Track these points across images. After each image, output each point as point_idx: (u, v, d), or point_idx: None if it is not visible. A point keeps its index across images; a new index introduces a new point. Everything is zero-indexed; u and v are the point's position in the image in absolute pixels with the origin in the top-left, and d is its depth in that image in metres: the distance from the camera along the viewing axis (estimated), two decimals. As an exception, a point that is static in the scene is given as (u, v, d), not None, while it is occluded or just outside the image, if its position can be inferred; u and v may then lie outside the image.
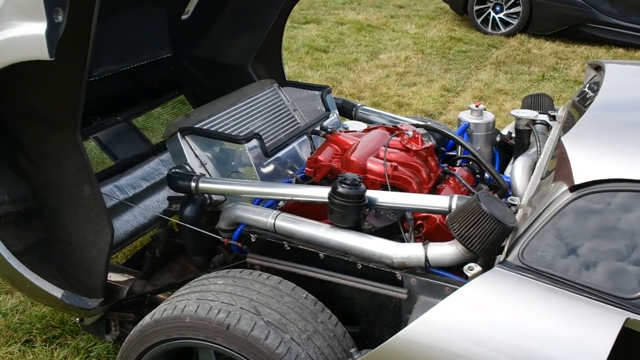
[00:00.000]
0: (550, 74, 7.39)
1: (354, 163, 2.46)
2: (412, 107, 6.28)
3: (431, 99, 6.52)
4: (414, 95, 6.60)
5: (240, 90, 3.18)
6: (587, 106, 2.45)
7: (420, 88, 6.86)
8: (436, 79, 7.17)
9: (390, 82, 7.00)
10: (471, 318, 1.77)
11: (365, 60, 7.74)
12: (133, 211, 3.17)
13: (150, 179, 3.33)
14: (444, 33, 9.10)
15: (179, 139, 2.67)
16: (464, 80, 7.17)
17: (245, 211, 2.41)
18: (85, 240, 2.54)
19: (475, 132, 3.04)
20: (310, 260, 2.28)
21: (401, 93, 6.66)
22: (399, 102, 6.37)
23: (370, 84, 6.91)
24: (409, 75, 7.26)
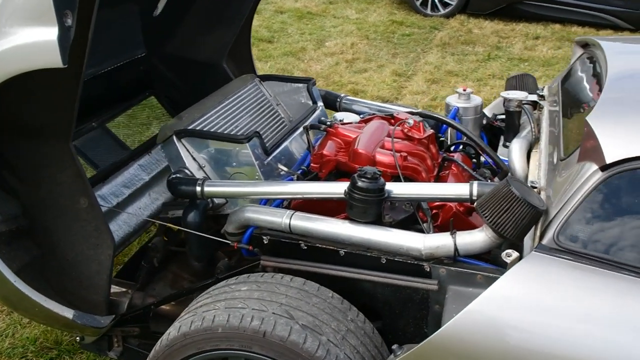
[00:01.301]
0: (495, 53, 7.55)
1: (362, 155, 2.43)
2: (367, 94, 6.29)
3: (385, 85, 6.54)
4: (367, 82, 6.60)
5: (224, 88, 3.08)
6: (590, 84, 2.49)
7: (372, 74, 6.87)
8: (386, 64, 7.21)
9: (341, 70, 6.99)
10: (517, 304, 1.78)
11: (313, 49, 7.69)
12: (117, 221, 3.03)
13: (131, 186, 3.19)
14: (385, 17, 9.14)
15: (175, 142, 2.56)
16: (413, 63, 7.23)
17: (256, 213, 2.34)
18: (83, 255, 2.42)
19: (464, 117, 3.05)
20: (329, 258, 2.23)
21: (354, 80, 6.66)
22: (353, 90, 6.35)
23: (321, 73, 6.86)
24: (358, 62, 7.27)
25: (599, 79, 2.33)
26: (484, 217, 1.96)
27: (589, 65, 2.68)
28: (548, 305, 1.77)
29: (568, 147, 2.15)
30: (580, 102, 2.47)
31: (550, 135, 2.48)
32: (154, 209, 3.18)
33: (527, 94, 2.92)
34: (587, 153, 1.93)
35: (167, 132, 2.59)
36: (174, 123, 2.67)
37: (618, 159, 1.81)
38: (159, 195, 3.28)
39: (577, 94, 2.57)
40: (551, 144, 2.39)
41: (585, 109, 2.33)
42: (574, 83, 2.70)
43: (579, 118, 2.31)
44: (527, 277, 1.81)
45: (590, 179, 1.85)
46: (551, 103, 2.86)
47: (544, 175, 2.23)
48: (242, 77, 3.25)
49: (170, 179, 2.48)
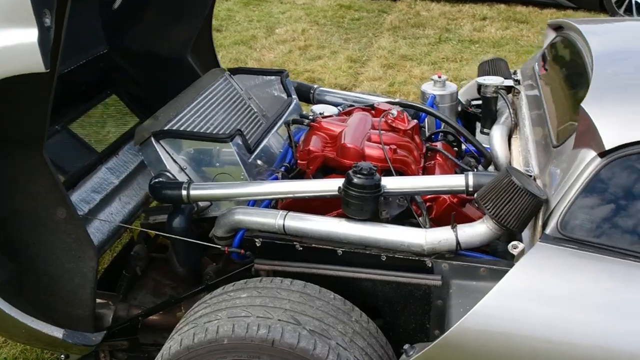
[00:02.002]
0: (445, 36, 7.60)
1: (350, 150, 2.38)
2: (324, 82, 6.22)
3: (341, 72, 6.50)
4: (323, 70, 6.54)
5: (196, 84, 2.97)
6: (572, 68, 2.50)
7: (327, 61, 6.81)
8: (339, 50, 7.16)
9: (295, 58, 6.90)
10: (530, 296, 1.78)
11: (264, 37, 7.57)
12: (90, 228, 2.90)
13: (101, 191, 3.05)
14: (332, 1, 9.07)
15: (154, 144, 2.45)
16: (367, 49, 7.21)
17: (247, 215, 2.26)
18: (64, 269, 2.30)
19: (441, 104, 3.03)
20: (327, 258, 2.18)
21: (310, 68, 6.58)
22: (310, 78, 6.28)
23: (275, 62, 6.76)
24: (311, 49, 7.19)
25: (582, 62, 2.33)
26: (486, 210, 1.94)
27: (566, 48, 2.69)
28: (561, 295, 1.78)
29: (560, 133, 2.16)
30: (564, 86, 2.48)
31: (535, 121, 2.49)
32: (126, 213, 3.05)
33: (503, 80, 2.91)
34: (584, 140, 1.93)
35: (144, 133, 2.48)
36: (151, 124, 2.56)
37: (617, 145, 1.82)
38: (130, 199, 3.15)
39: (559, 78, 2.58)
40: (538, 130, 2.39)
41: (572, 94, 2.34)
42: (553, 67, 2.71)
43: (567, 103, 2.32)
44: (536, 269, 1.81)
45: (589, 166, 1.85)
46: (528, 87, 2.87)
47: (536, 162, 2.23)
48: (212, 72, 3.14)
49: (153, 184, 2.37)
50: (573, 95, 2.33)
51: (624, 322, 1.71)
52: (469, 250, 2.07)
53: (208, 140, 2.44)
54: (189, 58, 3.37)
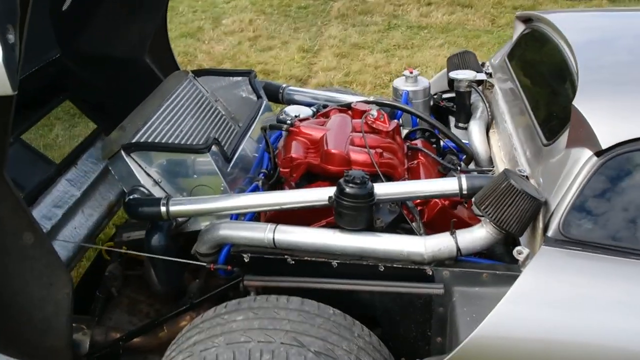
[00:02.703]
0: (394, 22, 7.56)
1: (335, 156, 2.28)
2: (279, 74, 6.10)
3: (294, 63, 6.38)
4: (276, 61, 6.41)
5: (160, 88, 2.82)
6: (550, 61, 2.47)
7: (278, 52, 6.68)
8: (289, 40, 7.03)
9: (246, 50, 6.74)
10: (542, 301, 1.77)
11: (210, 28, 7.36)
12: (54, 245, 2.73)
13: (63, 205, 2.87)
14: (277, -11, 8.90)
15: (124, 158, 2.30)
16: (317, 38, 7.10)
17: (233, 229, 2.15)
18: (35, 297, 2.14)
19: (414, 100, 2.98)
20: (321, 271, 2.10)
21: (262, 60, 6.44)
22: (264, 70, 6.15)
23: (226, 54, 6.59)
24: (261, 40, 7.03)
25: (560, 54, 2.30)
26: (486, 215, 1.89)
27: (539, 40, 2.66)
28: (573, 298, 1.77)
29: (548, 131, 2.12)
30: (544, 80, 2.45)
31: (516, 116, 2.45)
32: (91, 226, 2.90)
33: (475, 74, 2.88)
34: (578, 139, 1.90)
35: (113, 147, 2.32)
36: (119, 136, 2.40)
37: (614, 144, 1.80)
38: (93, 211, 3.00)
39: (537, 72, 2.55)
40: (522, 126, 2.35)
41: (556, 89, 2.31)
42: (528, 60, 2.68)
43: (552, 98, 2.30)
44: (545, 273, 1.79)
45: (586, 165, 1.83)
46: (502, 80, 2.84)
47: (525, 161, 2.19)
48: (175, 75, 2.99)
49: (128, 202, 2.22)
50: (557, 90, 2.30)
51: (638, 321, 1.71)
52: (468, 255, 2.02)
53: (184, 152, 2.30)
54: (146, 59, 3.20)
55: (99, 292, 2.53)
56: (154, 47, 3.22)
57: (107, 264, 2.73)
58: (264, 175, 2.54)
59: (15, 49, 1.45)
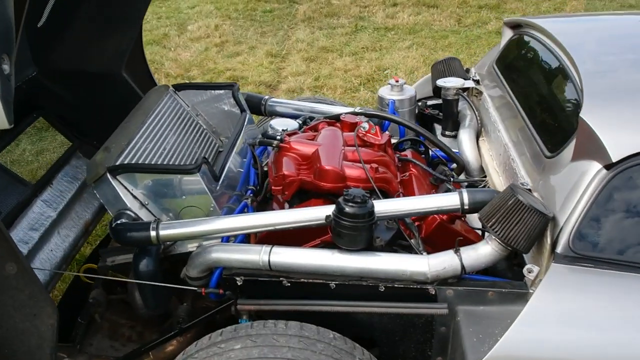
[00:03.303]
0: (361, 24, 7.53)
1: (329, 172, 2.22)
2: (248, 79, 6.01)
3: (263, 68, 6.29)
4: (244, 67, 6.31)
5: (141, 104, 2.71)
6: (546, 69, 2.45)
7: (246, 57, 6.58)
8: (257, 45, 6.93)
9: (213, 56, 6.62)
10: (558, 320, 1.76)
11: (176, 35, 7.21)
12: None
13: (39, 228, 2.76)
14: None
15: (110, 180, 2.19)
16: (285, 42, 7.02)
17: (226, 252, 2.07)
18: (18, 329, 2.04)
19: (400, 109, 2.94)
20: (318, 293, 2.03)
21: (230, 66, 6.34)
22: (233, 77, 6.05)
23: (194, 61, 6.46)
24: (228, 45, 6.93)
25: (557, 62, 2.28)
26: (493, 232, 1.86)
27: (530, 47, 2.64)
28: (588, 315, 1.76)
29: (550, 142, 2.10)
30: (540, 89, 2.43)
31: (511, 126, 2.42)
32: (67, 247, 2.80)
33: (463, 81, 2.85)
34: (585, 151, 1.87)
35: (99, 169, 2.21)
36: (103, 157, 2.29)
37: (624, 156, 1.78)
38: (69, 231, 2.90)
39: (532, 80, 2.53)
40: (519, 136, 2.32)
41: (556, 98, 2.29)
42: (520, 67, 2.66)
43: (553, 108, 2.27)
44: (558, 291, 1.77)
45: (595, 179, 1.80)
46: (491, 88, 2.81)
47: (525, 173, 2.16)
48: (155, 90, 2.88)
49: (115, 227, 2.12)
50: (557, 99, 2.28)
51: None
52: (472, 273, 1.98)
53: (173, 173, 2.21)
54: (123, 73, 3.09)
55: (81, 319, 2.42)
56: (130, 62, 3.12)
57: (85, 286, 2.62)
58: (252, 192, 2.48)
59: (11, 79, 1.36)
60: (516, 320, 1.72)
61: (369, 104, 5.52)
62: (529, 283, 1.85)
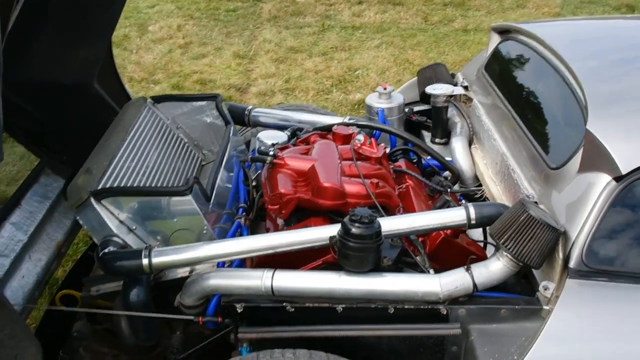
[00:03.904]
0: (328, 23, 7.42)
1: (329, 190, 2.12)
2: (216, 83, 5.85)
3: (231, 70, 6.14)
4: (212, 69, 6.15)
5: (120, 119, 2.57)
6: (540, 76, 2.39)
7: (213, 59, 6.41)
8: (223, 46, 6.77)
9: (178, 58, 6.43)
10: (579, 337, 1.74)
11: (137, 36, 6.99)
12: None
13: (10, 254, 2.57)
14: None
15: (94, 206, 2.06)
16: (251, 42, 6.87)
17: (225, 278, 1.96)
18: None
19: (389, 117, 2.86)
20: (324, 318, 1.94)
21: (196, 69, 6.16)
22: (201, 80, 5.88)
23: (158, 64, 6.26)
24: (193, 47, 6.74)
25: (552, 69, 2.23)
26: (506, 249, 1.80)
27: (521, 54, 2.60)
28: (610, 330, 1.74)
29: (555, 154, 2.04)
30: (538, 97, 2.38)
31: (508, 135, 2.36)
32: (40, 272, 2.63)
33: (453, 88, 2.79)
34: (593, 163, 1.83)
35: (81, 194, 2.07)
36: (85, 180, 2.15)
37: (633, 168, 1.75)
38: (41, 255, 2.72)
39: (526, 88, 2.48)
40: (518, 147, 2.26)
41: (556, 107, 2.24)
42: (512, 74, 2.61)
43: (552, 118, 2.23)
44: (577, 308, 1.75)
45: (605, 191, 1.77)
46: (481, 95, 2.75)
47: (528, 185, 2.10)
48: (133, 103, 2.74)
49: (103, 256, 1.99)
50: (557, 108, 2.23)
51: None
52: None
53: (163, 195, 2.09)
54: (95, 85, 2.93)
55: (64, 353, 2.28)
56: (102, 73, 2.96)
57: (62, 314, 2.47)
58: (243, 210, 2.37)
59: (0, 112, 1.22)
60: (538, 338, 1.69)
61: (342, 106, 5.44)
62: (543, 300, 1.80)
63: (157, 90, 5.64)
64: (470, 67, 3.00)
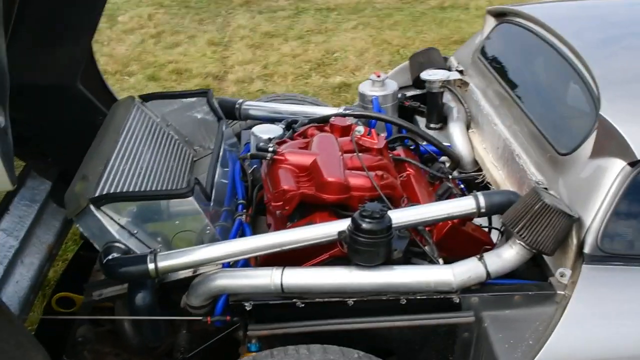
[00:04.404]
0: (301, 6, 7.34)
1: (333, 185, 2.09)
2: (192, 72, 5.76)
3: (207, 59, 6.04)
4: (187, 59, 6.04)
5: (111, 120, 2.50)
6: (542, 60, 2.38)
7: (187, 48, 6.30)
8: (196, 33, 6.65)
9: (151, 48, 6.31)
10: (600, 322, 1.75)
11: (107, 27, 6.82)
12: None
13: (3, 260, 2.51)
14: (170, -21, 8.41)
15: (94, 212, 1.99)
16: (225, 28, 6.77)
17: (233, 278, 1.93)
18: None
19: (384, 104, 2.82)
20: (335, 312, 1.92)
21: (171, 58, 6.05)
22: (176, 70, 5.78)
23: (131, 55, 6.13)
24: (165, 36, 6.61)
25: (555, 53, 2.21)
26: (521, 239, 1.79)
27: (520, 37, 2.56)
28: (628, 313, 1.75)
29: (563, 139, 2.03)
30: (541, 82, 2.36)
31: (510, 120, 2.34)
32: (33, 276, 2.58)
33: (448, 73, 2.76)
34: (607, 149, 1.82)
35: (80, 201, 2.01)
36: (82, 187, 2.08)
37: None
38: (33, 259, 2.68)
39: (528, 72, 2.46)
40: (522, 133, 2.23)
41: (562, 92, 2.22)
42: (510, 58, 2.58)
43: (559, 103, 2.21)
44: (595, 292, 1.76)
45: (619, 176, 1.76)
46: (478, 79, 2.72)
47: (536, 170, 2.09)
48: (121, 103, 2.66)
49: (107, 263, 1.93)
50: (564, 93, 2.21)
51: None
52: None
53: (165, 198, 2.03)
54: (79, 86, 2.84)
55: (67, 357, 2.23)
56: (85, 72, 2.88)
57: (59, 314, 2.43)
58: (243, 207, 2.33)
59: (9, 132, 1.16)
60: (558, 323, 1.70)
61: (322, 90, 5.39)
62: (558, 285, 1.81)
63: (132, 82, 5.53)
64: (463, 51, 2.96)
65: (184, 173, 2.59)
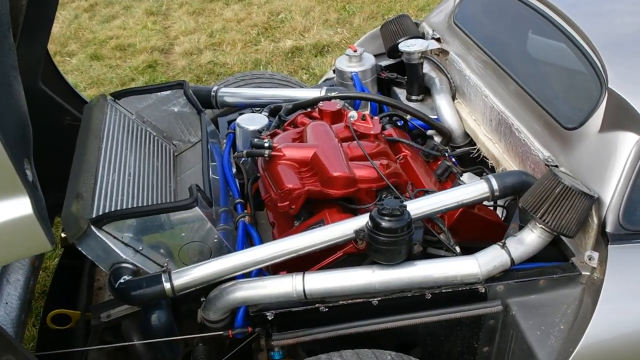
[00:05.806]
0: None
1: (340, 179, 2.03)
2: (137, 47, 5.49)
3: (148, 31, 5.77)
4: (126, 32, 5.75)
5: (89, 125, 2.34)
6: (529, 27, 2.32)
7: (125, 20, 6.00)
8: (131, 3, 6.33)
9: (87, 23, 5.97)
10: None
11: (33, 3, 6.39)
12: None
13: None
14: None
15: (97, 234, 1.88)
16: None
17: (252, 289, 1.87)
18: None
19: (363, 80, 2.75)
20: (360, 313, 1.90)
21: (110, 33, 5.75)
22: (119, 46, 5.50)
23: (65, 33, 5.79)
24: (99, 9, 6.27)
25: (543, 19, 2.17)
26: (544, 223, 1.78)
27: (499, 1, 2.51)
28: None
29: (567, 112, 2.02)
30: (533, 51, 2.32)
31: (503, 92, 2.30)
32: (21, 294, 2.45)
33: (427, 43, 2.70)
34: (619, 122, 1.81)
35: (80, 223, 1.88)
36: (79, 207, 1.95)
37: None
38: (18, 275, 2.54)
39: (514, 40, 2.42)
40: (519, 106, 2.20)
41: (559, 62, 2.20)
42: (493, 25, 2.53)
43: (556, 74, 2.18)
44: (627, 273, 1.77)
45: (634, 150, 1.76)
46: (455, 47, 2.67)
47: (541, 146, 2.08)
48: (94, 104, 2.49)
49: (119, 287, 1.83)
50: (561, 63, 2.18)
51: None
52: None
53: (169, 212, 1.93)
54: (40, 85, 2.66)
55: None
56: (44, 71, 2.69)
57: (55, 332, 2.33)
58: (241, 205, 2.26)
59: (38, 187, 1.06)
60: (596, 308, 1.70)
61: (275, 57, 5.24)
62: (581, 266, 1.83)
63: (74, 63, 5.24)
64: (435, 17, 2.89)
65: (169, 172, 2.48)
